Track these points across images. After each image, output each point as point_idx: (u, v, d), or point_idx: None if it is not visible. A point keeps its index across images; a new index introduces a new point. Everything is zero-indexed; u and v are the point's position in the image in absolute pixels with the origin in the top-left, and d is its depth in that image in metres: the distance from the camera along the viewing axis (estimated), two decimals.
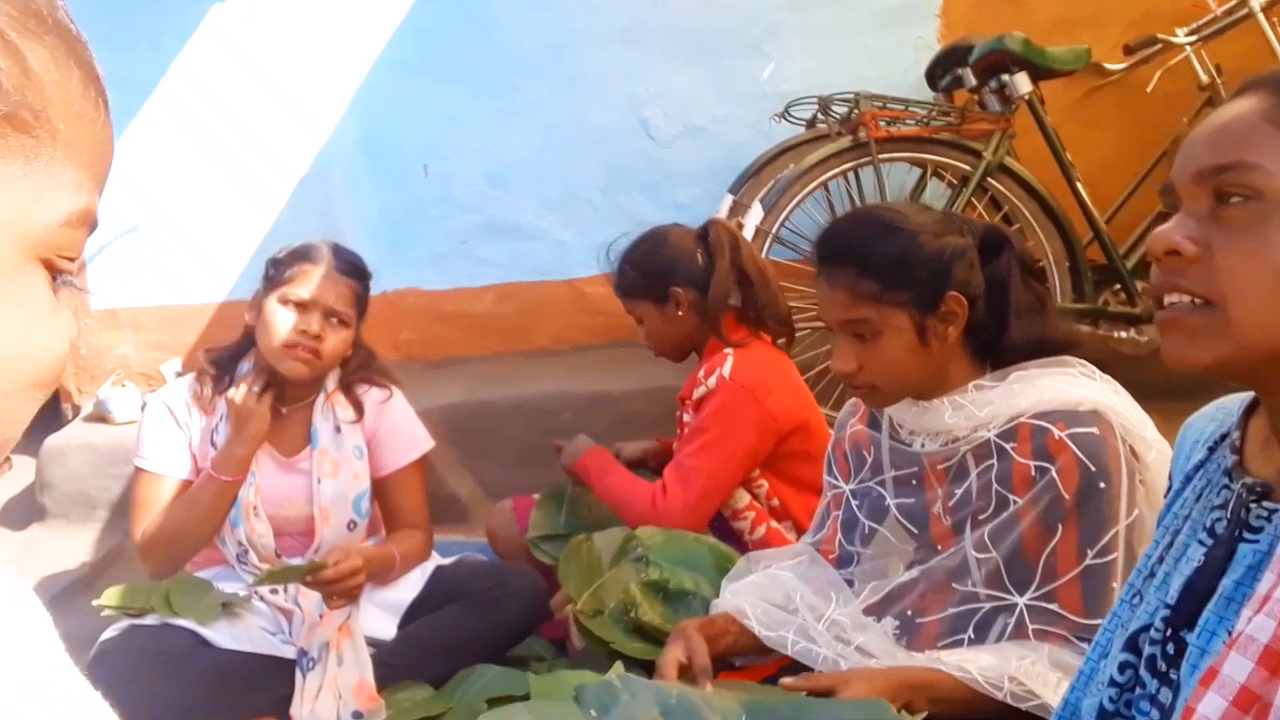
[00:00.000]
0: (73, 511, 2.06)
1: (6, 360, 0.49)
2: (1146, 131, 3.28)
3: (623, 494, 2.10)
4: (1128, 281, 3.09)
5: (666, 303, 2.18)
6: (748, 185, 3.09)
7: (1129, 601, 0.97)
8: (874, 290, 1.46)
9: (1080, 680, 1.02)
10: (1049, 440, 1.40)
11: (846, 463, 1.71)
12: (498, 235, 3.65)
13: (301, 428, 2.09)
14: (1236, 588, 0.81)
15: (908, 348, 1.48)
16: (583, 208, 3.63)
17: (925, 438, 1.56)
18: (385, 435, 2.13)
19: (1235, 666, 0.71)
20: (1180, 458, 1.02)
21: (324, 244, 2.07)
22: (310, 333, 1.97)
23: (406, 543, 2.10)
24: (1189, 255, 0.80)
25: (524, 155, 3.59)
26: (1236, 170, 0.78)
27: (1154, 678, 0.88)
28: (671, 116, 3.57)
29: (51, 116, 0.49)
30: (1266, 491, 0.84)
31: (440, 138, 3.60)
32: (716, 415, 2.05)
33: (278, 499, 2.05)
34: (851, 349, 1.50)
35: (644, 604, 1.81)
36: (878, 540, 1.62)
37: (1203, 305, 0.79)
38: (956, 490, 1.51)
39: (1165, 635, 0.87)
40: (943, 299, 1.47)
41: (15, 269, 0.49)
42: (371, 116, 3.59)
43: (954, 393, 1.51)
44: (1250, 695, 0.69)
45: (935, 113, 2.95)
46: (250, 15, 3.50)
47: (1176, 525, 0.94)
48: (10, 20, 0.48)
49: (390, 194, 3.64)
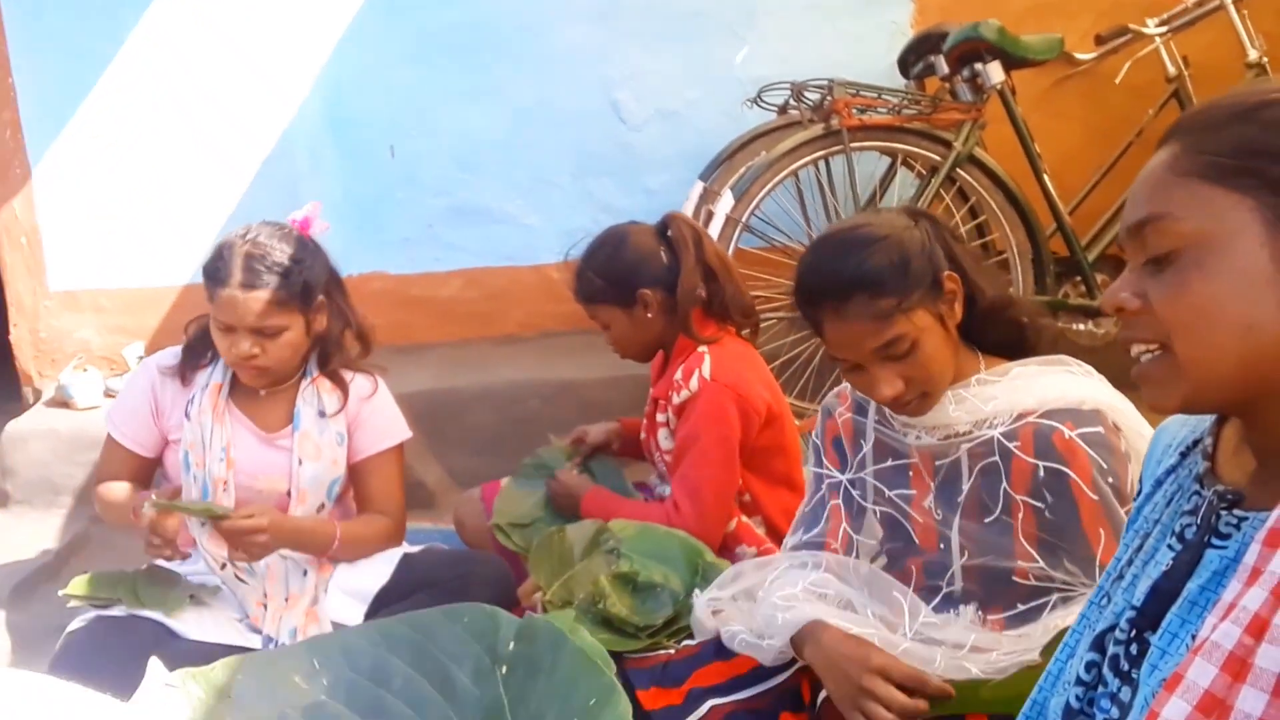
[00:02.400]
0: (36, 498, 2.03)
1: None
2: (1112, 123, 3.31)
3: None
4: (1088, 274, 3.12)
5: (634, 306, 2.14)
6: (719, 172, 3.08)
7: (1097, 603, 0.98)
8: (893, 305, 1.44)
9: (1048, 680, 1.03)
10: (1057, 440, 1.40)
11: (836, 451, 1.70)
12: (465, 219, 3.62)
13: (284, 407, 2.09)
14: (1201, 592, 0.82)
15: (941, 342, 1.48)
16: (552, 193, 3.60)
17: (921, 430, 1.55)
18: (365, 420, 2.12)
19: (1200, 672, 0.71)
20: (1151, 461, 1.03)
21: (236, 249, 1.95)
22: (243, 355, 1.94)
23: (361, 525, 2.10)
24: (1133, 310, 0.85)
25: (493, 137, 3.56)
26: (1152, 222, 0.83)
27: (1116, 676, 0.89)
28: (643, 100, 3.54)
29: None
30: (1237, 499, 0.85)
31: (407, 118, 3.56)
32: (706, 420, 2.04)
33: (254, 470, 2.05)
34: (892, 371, 1.47)
35: (613, 596, 1.82)
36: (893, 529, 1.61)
37: (1157, 352, 0.84)
38: (947, 487, 1.51)
39: (1130, 636, 0.88)
40: (941, 282, 1.48)
41: None
42: (337, 95, 3.54)
43: (955, 386, 1.51)
44: (1213, 700, 0.70)
45: (907, 101, 2.95)
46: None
47: (1146, 529, 0.95)
48: None
49: (356, 175, 3.59)
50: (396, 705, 1.15)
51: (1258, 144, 0.79)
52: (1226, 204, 0.79)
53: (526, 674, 1.14)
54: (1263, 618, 0.70)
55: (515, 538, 2.19)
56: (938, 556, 1.53)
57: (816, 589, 1.53)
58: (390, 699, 1.15)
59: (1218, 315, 0.79)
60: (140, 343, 3.58)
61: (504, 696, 1.13)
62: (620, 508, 2.13)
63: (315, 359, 2.10)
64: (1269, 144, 0.79)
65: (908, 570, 1.56)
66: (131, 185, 3.52)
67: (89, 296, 3.61)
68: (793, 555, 1.67)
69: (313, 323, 2.03)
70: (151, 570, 2.01)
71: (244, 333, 1.94)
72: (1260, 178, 0.78)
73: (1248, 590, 0.72)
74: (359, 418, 2.12)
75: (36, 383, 3.61)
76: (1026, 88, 3.24)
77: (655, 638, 1.77)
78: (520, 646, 1.15)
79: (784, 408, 2.17)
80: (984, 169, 2.96)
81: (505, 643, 1.16)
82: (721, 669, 1.61)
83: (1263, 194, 0.78)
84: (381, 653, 1.19)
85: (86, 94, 3.45)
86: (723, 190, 2.91)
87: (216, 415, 2.03)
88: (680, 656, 1.69)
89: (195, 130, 3.49)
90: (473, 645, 1.17)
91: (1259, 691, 0.68)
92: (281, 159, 3.53)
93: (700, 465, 2.04)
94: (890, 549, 1.62)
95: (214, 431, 2.02)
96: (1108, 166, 3.28)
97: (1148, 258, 0.83)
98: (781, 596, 1.52)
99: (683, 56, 3.51)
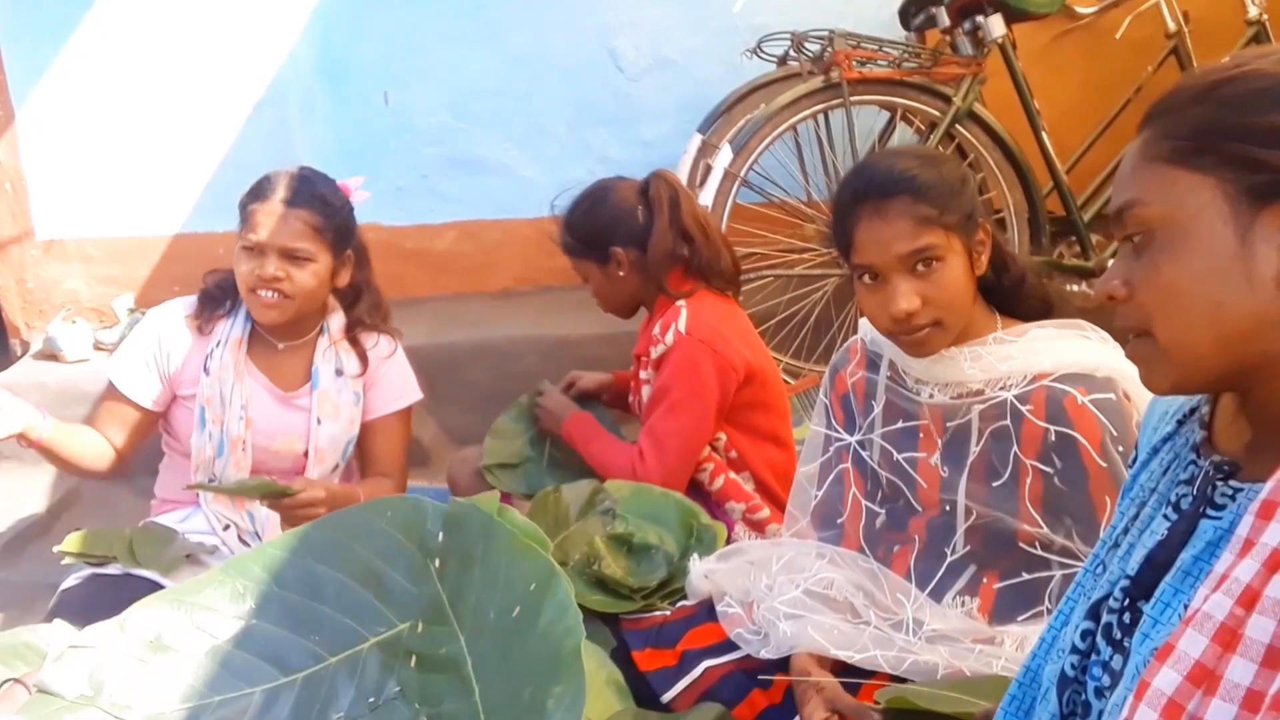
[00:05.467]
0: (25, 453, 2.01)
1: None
2: (1111, 80, 3.27)
3: (605, 459, 2.11)
4: (1083, 234, 3.10)
5: (608, 263, 2.14)
6: (717, 125, 3.04)
7: (1092, 571, 0.99)
8: (934, 214, 1.43)
9: (1042, 647, 1.04)
10: (1069, 404, 1.40)
11: (844, 411, 1.69)
12: (460, 169, 3.58)
13: (302, 365, 2.07)
14: (1194, 562, 0.82)
15: (966, 273, 1.48)
16: (548, 143, 3.56)
17: (934, 388, 1.55)
18: (380, 380, 2.13)
19: (1191, 642, 0.72)
20: (1148, 429, 1.03)
21: (283, 174, 2.00)
22: (266, 276, 1.92)
23: (374, 488, 2.09)
24: (1121, 297, 0.86)
25: (489, 85, 3.51)
26: (1128, 209, 0.85)
27: (1109, 645, 0.90)
28: (641, 48, 3.49)
29: None
30: (1233, 470, 0.85)
31: (401, 63, 3.50)
32: (678, 374, 2.03)
33: (271, 430, 2.04)
34: (911, 285, 1.45)
35: (607, 557, 1.83)
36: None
37: (1144, 337, 0.86)
38: (956, 448, 1.51)
39: (1123, 604, 0.89)
40: (978, 225, 1.48)
41: None
42: (329, 39, 3.47)
43: (972, 343, 1.50)
44: (1204, 670, 0.71)
45: (908, 54, 2.91)
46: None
47: (1142, 498, 0.95)
48: None
49: (349, 123, 3.54)
50: (333, 616, 1.12)
51: (1214, 123, 0.81)
52: (1189, 185, 0.81)
53: (461, 566, 1.11)
54: (1254, 589, 0.70)
55: (504, 479, 2.20)
56: (941, 517, 1.53)
57: (818, 589, 1.53)
58: (325, 610, 1.12)
59: (1188, 296, 0.81)
60: (130, 294, 3.54)
61: (442, 593, 1.10)
62: (596, 438, 2.16)
63: (331, 320, 2.09)
64: (1224, 122, 0.80)
65: (910, 533, 1.57)
66: (120, 131, 3.46)
67: (77, 245, 3.55)
68: (800, 545, 1.67)
69: (338, 270, 2.03)
70: (147, 528, 2.00)
71: (273, 254, 1.92)
72: (1218, 155, 0.80)
73: (1240, 561, 0.72)
74: (374, 376, 2.12)
75: (24, 334, 3.57)
76: (1026, 42, 3.19)
77: (650, 599, 1.78)
78: (450, 538, 1.12)
79: (766, 364, 2.16)
80: (983, 126, 2.92)
81: (434, 535, 1.13)
82: (715, 630, 1.62)
83: (1223, 172, 0.80)
84: (308, 563, 1.15)
85: (71, 36, 3.37)
86: (721, 144, 2.87)
87: (237, 372, 2.01)
88: (675, 618, 1.70)
89: (185, 75, 3.42)
90: (402, 541, 1.14)
91: (1248, 662, 0.69)
92: (272, 106, 3.46)
93: (668, 418, 2.04)
94: (891, 509, 1.63)
95: (234, 389, 2.00)
96: (1105, 124, 3.24)
97: (1131, 237, 0.86)
98: (784, 601, 1.51)
99: (681, 3, 3.45)
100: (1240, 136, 0.79)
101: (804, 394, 2.80)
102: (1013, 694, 1.05)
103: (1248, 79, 0.80)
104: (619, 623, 1.75)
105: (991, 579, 1.49)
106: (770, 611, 1.51)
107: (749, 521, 2.10)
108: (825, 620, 1.47)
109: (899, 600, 1.49)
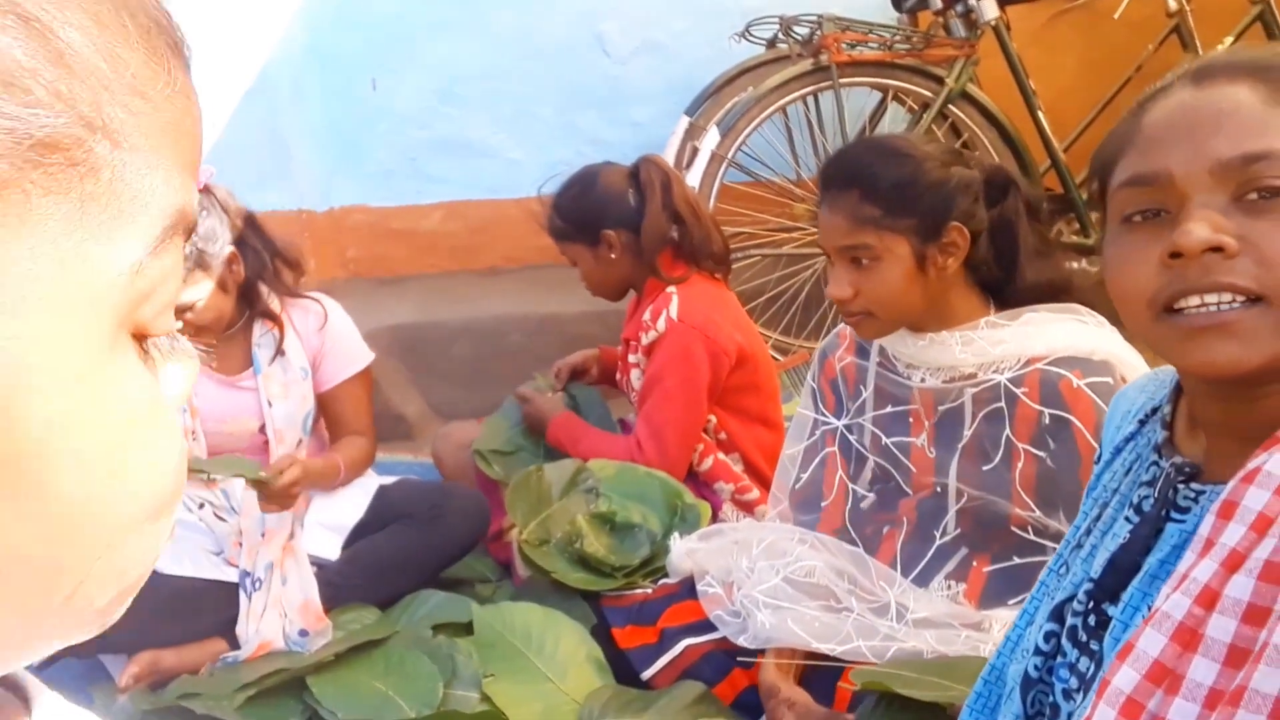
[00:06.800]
0: None
1: (102, 503, 0.32)
2: (1110, 59, 3.23)
3: (599, 455, 2.09)
4: (1081, 212, 3.08)
5: (599, 246, 2.14)
6: (705, 107, 3.02)
7: (1056, 571, 0.98)
8: (876, 216, 1.45)
9: (1007, 646, 1.03)
10: (1064, 388, 1.39)
11: (834, 394, 1.69)
12: (448, 152, 3.56)
13: (240, 348, 2.06)
14: (1161, 566, 0.81)
15: (905, 276, 1.47)
16: (535, 125, 3.54)
17: (925, 372, 1.54)
18: (329, 350, 2.11)
19: (1150, 642, 0.72)
20: (1110, 428, 1.02)
21: None
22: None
23: (350, 450, 2.11)
24: (1233, 251, 0.75)
25: (476, 69, 3.48)
26: (1268, 160, 0.74)
27: (1075, 647, 0.89)
28: (629, 31, 3.46)
29: (104, 109, 0.31)
30: (1195, 472, 0.83)
31: (389, 49, 3.47)
32: (672, 361, 2.04)
33: (221, 415, 2.03)
34: (848, 275, 1.48)
35: (589, 535, 1.83)
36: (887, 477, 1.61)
37: (1250, 303, 0.75)
38: (948, 430, 1.51)
39: (1087, 607, 0.88)
40: (945, 229, 1.46)
41: (97, 356, 0.32)
42: (319, 25, 3.44)
43: (963, 327, 1.50)
44: (1163, 669, 0.71)
45: (899, 37, 2.89)
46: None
47: (1105, 498, 0.94)
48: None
49: (338, 107, 3.52)
50: None
51: None
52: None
53: None
54: (1213, 589, 0.70)
55: (496, 465, 2.20)
56: (932, 501, 1.53)
57: (799, 577, 1.53)
58: None
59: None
60: None
61: None
62: (584, 436, 2.16)
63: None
64: None
65: (899, 515, 1.56)
66: None
67: None
68: (782, 529, 1.66)
69: (228, 280, 1.95)
70: None
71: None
72: None
73: (1200, 561, 0.72)
74: (322, 349, 2.10)
75: None
76: (1023, 22, 3.16)
77: (631, 577, 1.78)
78: None
79: (757, 347, 2.17)
80: (977, 105, 2.91)
81: None
82: (695, 608, 1.62)
83: None
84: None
85: None
86: (708, 126, 2.86)
87: None
88: (656, 596, 1.70)
89: None
90: None
91: (1211, 661, 0.68)
92: (263, 91, 3.44)
93: (664, 406, 2.05)
94: (880, 490, 1.62)
95: None
96: (1104, 102, 3.21)
97: (1248, 196, 0.75)
98: (764, 590, 1.52)
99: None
100: None
101: (793, 370, 2.79)
102: (978, 691, 1.05)
103: None
104: (600, 600, 1.75)
105: (982, 562, 1.49)
106: (749, 599, 1.52)
107: (738, 502, 2.11)
108: (806, 611, 1.48)
109: (883, 586, 1.49)
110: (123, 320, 0.33)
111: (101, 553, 0.32)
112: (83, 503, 0.31)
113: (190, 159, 0.37)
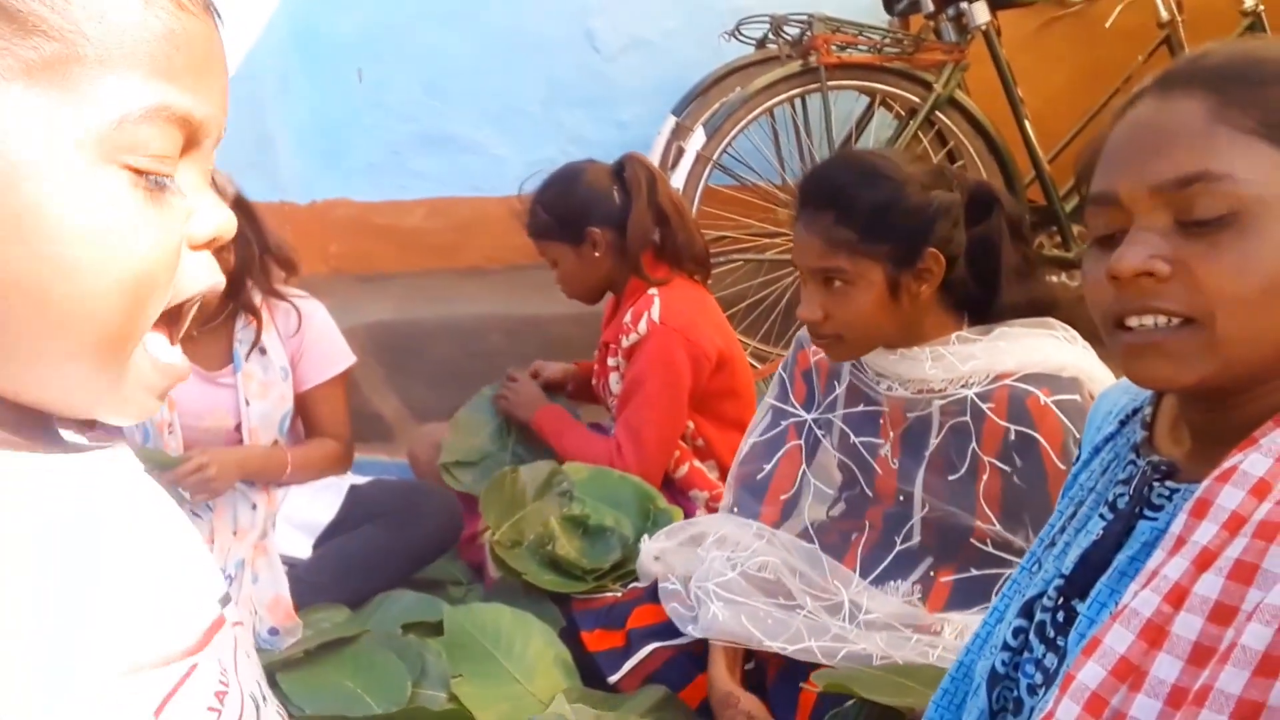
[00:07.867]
0: None
1: (92, 261, 0.50)
2: (1099, 68, 3.22)
3: (580, 453, 2.08)
4: (1064, 225, 3.07)
5: (582, 244, 2.11)
6: (692, 107, 3.01)
7: (1028, 569, 0.98)
8: (850, 240, 1.42)
9: (975, 643, 1.03)
10: (1032, 405, 1.37)
11: (805, 384, 1.67)
12: (433, 147, 3.54)
13: (221, 343, 2.04)
14: (1131, 563, 0.81)
15: (877, 302, 1.45)
16: (521, 122, 3.52)
17: (895, 382, 1.53)
18: (308, 351, 2.10)
19: (1117, 638, 0.72)
20: (1091, 429, 1.01)
21: None
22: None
23: (312, 449, 2.09)
24: (1163, 275, 0.76)
25: (463, 63, 3.46)
26: (1204, 181, 0.74)
27: (1042, 643, 0.89)
28: (618, 29, 3.45)
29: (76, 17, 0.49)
30: (1171, 471, 0.83)
31: (376, 40, 3.45)
32: (652, 364, 2.02)
33: (198, 411, 2.01)
34: (819, 297, 1.46)
35: (562, 538, 1.83)
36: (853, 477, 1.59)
37: (1183, 324, 0.76)
38: (915, 440, 1.49)
39: (1057, 603, 0.88)
40: (921, 255, 1.43)
41: (84, 173, 0.49)
42: (304, 14, 3.42)
43: (934, 343, 1.48)
44: (1129, 666, 0.70)
45: (889, 40, 2.88)
46: None
47: (1080, 496, 0.94)
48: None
49: (323, 99, 3.50)
50: None
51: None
52: (1277, 163, 0.73)
53: None
54: (1183, 586, 0.70)
55: (463, 477, 2.17)
56: (896, 509, 1.52)
57: (754, 572, 1.52)
58: None
59: (1272, 282, 0.73)
60: None
61: None
62: (569, 430, 2.14)
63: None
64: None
65: (865, 521, 1.54)
66: None
67: None
68: (740, 521, 1.64)
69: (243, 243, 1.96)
70: None
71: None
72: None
73: (1170, 559, 0.72)
74: (302, 348, 2.09)
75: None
76: (1013, 30, 3.15)
77: (602, 581, 1.77)
78: None
79: (736, 351, 2.16)
80: (964, 113, 2.90)
81: None
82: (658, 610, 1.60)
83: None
84: None
85: None
86: (695, 126, 2.83)
87: None
88: (625, 599, 1.68)
89: None
90: None
91: (1175, 659, 0.68)
92: (247, 81, 3.40)
93: (644, 409, 2.03)
94: (849, 496, 1.61)
95: None
96: (1091, 114, 3.21)
97: (1188, 219, 0.75)
98: (717, 583, 1.51)
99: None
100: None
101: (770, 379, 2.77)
102: (945, 688, 1.05)
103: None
104: (571, 603, 1.74)
105: (944, 574, 1.47)
106: (702, 589, 1.51)
107: (712, 509, 2.08)
108: (760, 607, 1.46)
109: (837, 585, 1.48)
110: (106, 155, 0.50)
111: (86, 298, 0.50)
112: (71, 259, 0.49)
113: (174, 71, 0.51)
